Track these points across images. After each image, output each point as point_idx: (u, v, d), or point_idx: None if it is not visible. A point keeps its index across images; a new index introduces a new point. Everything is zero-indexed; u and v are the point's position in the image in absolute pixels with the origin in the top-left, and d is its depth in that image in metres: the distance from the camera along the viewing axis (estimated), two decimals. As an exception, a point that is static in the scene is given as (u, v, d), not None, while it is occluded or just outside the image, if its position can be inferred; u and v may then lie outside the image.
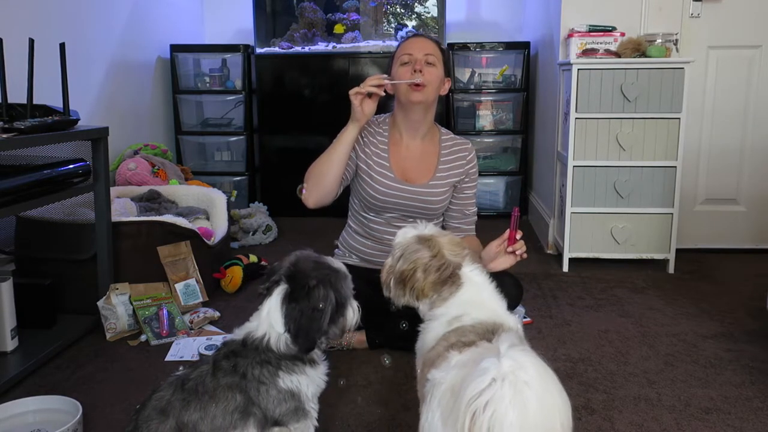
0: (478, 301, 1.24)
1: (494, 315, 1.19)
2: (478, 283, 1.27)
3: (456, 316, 1.21)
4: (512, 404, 0.83)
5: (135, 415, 1.17)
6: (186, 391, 1.16)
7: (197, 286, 2.31)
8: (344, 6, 3.95)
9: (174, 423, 1.13)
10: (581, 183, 2.74)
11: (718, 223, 3.10)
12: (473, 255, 1.33)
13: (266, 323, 1.19)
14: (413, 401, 1.64)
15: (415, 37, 2.03)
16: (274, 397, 1.18)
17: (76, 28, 2.89)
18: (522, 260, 1.70)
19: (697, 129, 3.01)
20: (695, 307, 2.36)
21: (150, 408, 1.15)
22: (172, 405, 1.15)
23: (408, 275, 1.27)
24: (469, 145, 2.11)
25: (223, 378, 1.17)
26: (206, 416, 1.14)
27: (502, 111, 3.95)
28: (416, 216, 2.05)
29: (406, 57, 1.95)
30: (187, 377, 1.19)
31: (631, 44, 2.66)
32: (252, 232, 3.29)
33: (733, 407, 1.63)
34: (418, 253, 1.27)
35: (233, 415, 1.16)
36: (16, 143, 1.70)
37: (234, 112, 3.97)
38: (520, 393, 0.84)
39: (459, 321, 1.19)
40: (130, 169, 2.90)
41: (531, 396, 0.84)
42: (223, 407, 1.16)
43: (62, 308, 2.13)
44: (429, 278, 1.26)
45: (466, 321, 1.18)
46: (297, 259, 1.24)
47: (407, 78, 1.93)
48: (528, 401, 0.84)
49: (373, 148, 2.04)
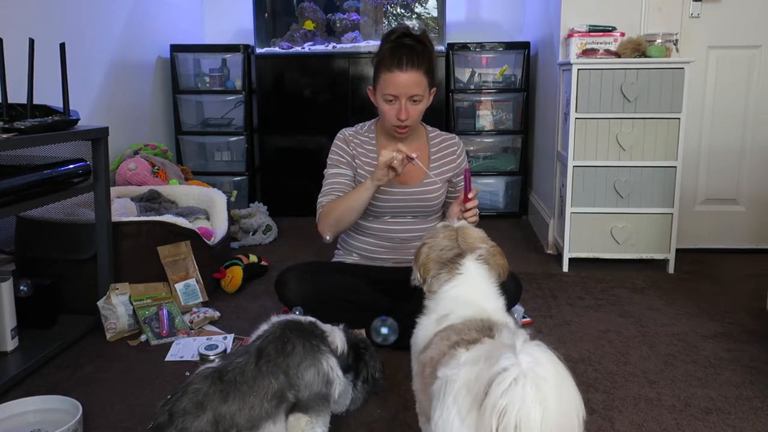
0: (466, 298, 1.25)
1: (481, 312, 1.20)
2: (472, 277, 1.28)
3: (443, 314, 1.23)
4: (535, 402, 0.84)
5: (168, 407, 1.16)
6: (225, 383, 1.18)
7: (197, 286, 2.31)
8: (344, 6, 3.95)
9: (211, 416, 1.14)
10: (581, 183, 2.74)
11: (718, 223, 3.10)
12: (491, 255, 1.33)
13: (330, 330, 1.37)
14: (413, 401, 1.64)
15: (399, 70, 1.85)
16: (310, 378, 1.25)
17: (76, 28, 2.89)
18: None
19: (697, 129, 3.02)
20: (695, 307, 2.36)
21: (186, 400, 1.15)
22: (210, 397, 1.15)
23: (417, 251, 1.36)
24: (456, 139, 2.12)
25: (265, 365, 1.21)
26: (244, 407, 1.16)
27: (502, 111, 3.95)
28: (415, 214, 2.06)
29: (390, 96, 1.89)
30: (225, 369, 1.20)
31: (631, 44, 2.66)
32: (252, 232, 3.29)
33: (733, 407, 1.63)
34: (435, 234, 1.36)
35: (271, 403, 1.19)
36: (16, 143, 1.70)
37: (234, 112, 3.97)
38: (540, 390, 0.85)
39: (447, 320, 1.20)
40: (130, 169, 2.90)
41: (550, 392, 0.86)
42: (261, 395, 1.18)
43: (62, 308, 2.13)
44: (432, 254, 1.32)
45: (454, 319, 1.20)
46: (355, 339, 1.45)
47: (392, 116, 1.91)
48: (548, 397, 0.85)
49: (363, 158, 2.04)
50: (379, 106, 1.94)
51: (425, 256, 1.33)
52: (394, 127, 1.95)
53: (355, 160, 2.04)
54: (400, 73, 1.85)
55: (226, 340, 2.03)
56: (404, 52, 1.85)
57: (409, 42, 1.87)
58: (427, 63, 1.88)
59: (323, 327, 1.37)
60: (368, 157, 2.04)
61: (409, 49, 1.87)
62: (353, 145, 2.05)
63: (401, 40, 1.88)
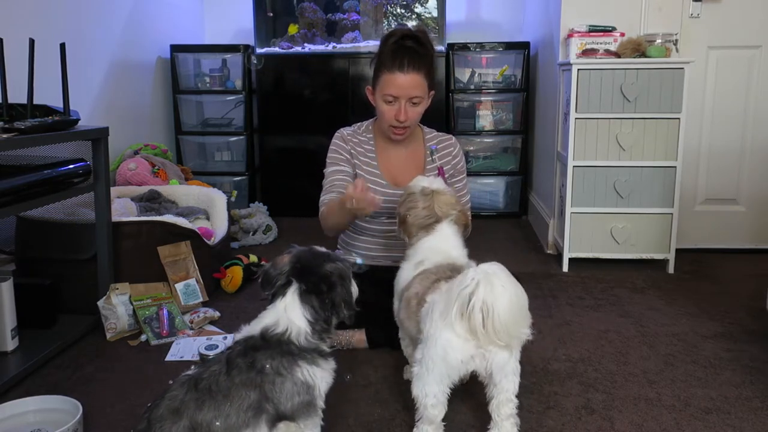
0: (437, 248, 1.58)
1: (449, 258, 1.55)
2: (444, 234, 1.60)
3: (419, 261, 1.57)
4: (498, 289, 1.22)
5: (147, 414, 1.17)
6: (200, 391, 1.17)
7: (197, 286, 2.31)
8: (344, 6, 3.95)
9: (188, 423, 1.14)
10: (581, 183, 2.74)
11: (718, 223, 3.10)
12: (460, 215, 1.64)
13: (285, 319, 1.26)
14: (413, 401, 1.65)
15: (400, 71, 1.85)
16: (288, 390, 1.21)
17: (76, 28, 2.89)
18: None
19: (697, 129, 3.02)
20: (695, 307, 2.36)
21: (163, 407, 1.15)
22: (186, 405, 1.15)
23: (403, 218, 1.66)
24: (453, 140, 2.12)
25: (237, 376, 1.19)
26: (220, 415, 1.15)
27: (502, 111, 3.95)
28: None
29: (390, 97, 1.88)
30: (200, 377, 1.19)
31: (631, 44, 2.66)
32: (252, 232, 3.29)
33: (733, 407, 1.63)
34: (415, 203, 1.64)
35: (247, 413, 1.17)
36: (16, 143, 1.70)
37: (234, 112, 3.97)
38: (500, 280, 1.23)
39: (422, 265, 1.55)
40: (130, 169, 2.90)
41: (506, 282, 1.24)
42: (237, 405, 1.17)
43: (62, 308, 2.13)
44: (415, 223, 1.63)
45: (427, 265, 1.54)
46: (303, 256, 1.32)
47: (391, 116, 1.90)
48: (506, 285, 1.23)
49: (361, 157, 2.04)
50: (378, 106, 1.94)
51: (409, 226, 1.64)
52: (391, 128, 1.95)
53: (354, 159, 2.04)
54: (401, 75, 1.85)
55: (226, 340, 2.03)
56: (406, 54, 1.86)
57: (411, 44, 1.88)
58: (427, 65, 1.89)
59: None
60: (366, 157, 2.04)
61: (410, 51, 1.87)
62: (352, 144, 2.05)
63: (403, 41, 1.88)
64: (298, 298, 1.27)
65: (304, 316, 1.26)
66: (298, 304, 1.27)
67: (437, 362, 1.32)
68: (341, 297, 1.30)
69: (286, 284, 1.29)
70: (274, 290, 1.29)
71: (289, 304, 1.27)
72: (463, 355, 1.31)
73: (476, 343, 1.29)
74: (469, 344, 1.30)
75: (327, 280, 1.29)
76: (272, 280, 1.30)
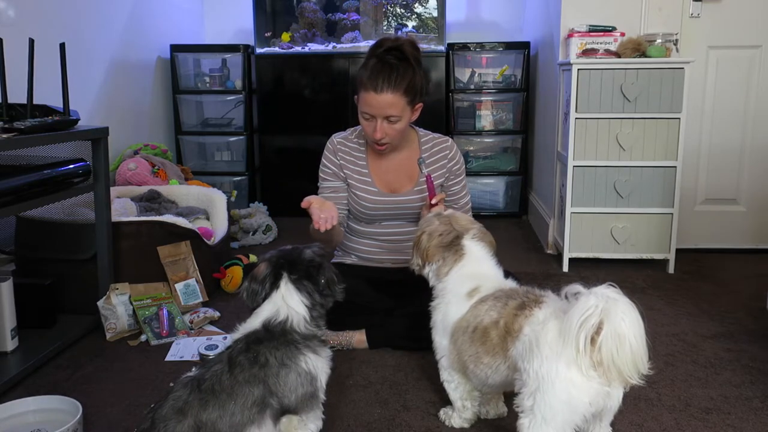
0: (483, 274, 1.43)
1: (502, 283, 1.41)
2: (477, 256, 1.45)
3: (472, 289, 1.40)
4: (623, 320, 1.09)
5: (150, 414, 1.17)
6: (203, 391, 1.17)
7: (197, 286, 2.31)
8: (344, 6, 3.95)
9: (192, 422, 1.14)
10: (581, 183, 2.74)
11: (718, 223, 3.10)
12: (483, 234, 1.51)
13: (285, 307, 1.29)
14: (413, 401, 1.64)
15: (374, 91, 1.82)
16: (292, 381, 1.23)
17: (76, 28, 2.89)
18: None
19: (697, 129, 3.02)
20: (695, 307, 2.36)
21: (167, 408, 1.16)
22: (190, 405, 1.16)
23: (417, 239, 1.51)
24: (450, 142, 2.08)
25: (240, 374, 1.20)
26: (225, 414, 1.16)
27: (502, 111, 3.94)
28: (408, 219, 2.06)
29: (367, 115, 1.87)
30: (202, 377, 1.20)
31: (631, 44, 2.66)
32: (252, 232, 3.29)
33: (733, 407, 1.63)
34: (430, 222, 1.52)
35: (252, 410, 1.18)
36: (16, 143, 1.70)
37: (234, 112, 3.97)
38: (626, 310, 1.11)
39: (478, 292, 1.38)
40: (130, 169, 2.90)
41: (627, 310, 1.11)
42: (241, 403, 1.18)
43: (62, 308, 2.13)
44: (433, 241, 1.46)
45: (486, 291, 1.37)
46: (280, 253, 1.37)
47: (369, 133, 1.90)
48: (628, 315, 1.11)
49: (352, 166, 2.04)
50: (359, 120, 1.94)
51: (426, 243, 1.47)
52: (372, 143, 1.95)
53: (343, 170, 2.03)
54: (375, 95, 1.82)
55: (226, 340, 2.03)
56: (382, 73, 1.82)
57: (392, 60, 1.83)
58: (407, 82, 1.83)
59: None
60: (357, 165, 2.03)
61: (388, 69, 1.83)
62: (340, 154, 2.04)
63: (385, 57, 1.84)
64: (292, 286, 1.30)
65: (302, 302, 1.30)
66: (294, 291, 1.30)
67: (558, 408, 1.14)
68: (331, 273, 1.35)
69: (275, 280, 1.31)
70: (265, 292, 1.32)
71: (286, 293, 1.30)
72: (590, 397, 1.13)
73: (601, 380, 1.12)
74: (593, 382, 1.13)
75: (313, 262, 1.33)
76: (257, 289, 1.33)
